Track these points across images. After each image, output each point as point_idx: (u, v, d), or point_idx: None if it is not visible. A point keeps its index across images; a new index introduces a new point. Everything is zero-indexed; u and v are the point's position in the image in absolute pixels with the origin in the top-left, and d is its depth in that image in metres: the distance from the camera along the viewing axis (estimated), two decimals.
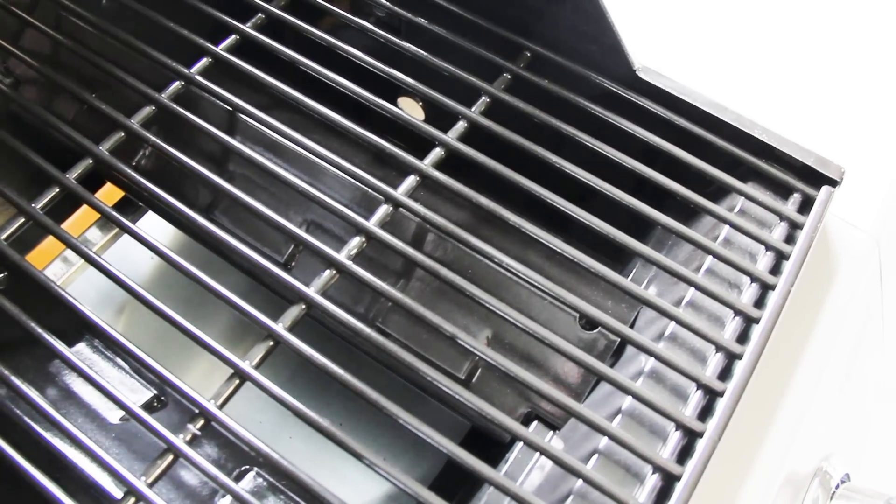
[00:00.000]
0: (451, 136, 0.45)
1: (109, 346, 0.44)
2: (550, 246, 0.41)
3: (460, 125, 0.46)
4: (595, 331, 0.44)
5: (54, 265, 0.61)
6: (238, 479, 0.41)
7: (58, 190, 0.43)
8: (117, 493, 0.35)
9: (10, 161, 0.48)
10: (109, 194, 0.67)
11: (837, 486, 0.45)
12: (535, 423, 0.43)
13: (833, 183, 0.44)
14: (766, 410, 0.42)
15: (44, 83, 0.53)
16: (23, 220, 0.42)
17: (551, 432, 0.43)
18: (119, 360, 0.43)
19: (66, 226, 0.68)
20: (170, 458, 0.35)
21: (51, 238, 0.61)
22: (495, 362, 0.37)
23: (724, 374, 0.38)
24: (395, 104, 0.47)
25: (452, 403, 0.43)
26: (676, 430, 0.37)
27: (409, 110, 0.58)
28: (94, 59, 0.48)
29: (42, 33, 0.50)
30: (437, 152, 0.44)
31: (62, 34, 0.49)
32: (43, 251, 0.62)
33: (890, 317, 0.49)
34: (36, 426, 0.39)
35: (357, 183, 0.45)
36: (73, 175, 0.43)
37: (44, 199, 0.42)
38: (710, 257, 0.42)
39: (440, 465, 0.54)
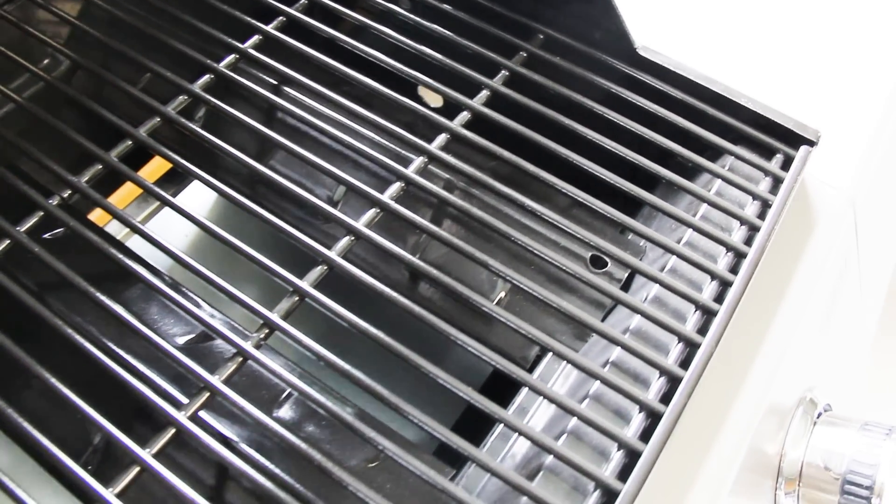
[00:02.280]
0: (477, 102, 0.51)
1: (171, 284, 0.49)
2: (565, 192, 0.47)
3: (483, 94, 0.52)
4: (603, 271, 0.50)
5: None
6: (288, 397, 0.46)
7: (130, 143, 0.48)
8: (185, 400, 0.40)
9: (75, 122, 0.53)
10: (156, 171, 0.72)
11: (820, 415, 0.51)
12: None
13: (811, 143, 0.50)
14: (753, 339, 0.47)
15: (102, 60, 0.59)
16: (100, 167, 0.47)
17: None
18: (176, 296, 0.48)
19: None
20: (239, 360, 0.40)
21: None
22: (523, 284, 0.43)
23: (720, 298, 0.44)
24: (415, 93, 0.53)
25: (482, 332, 0.48)
26: (679, 342, 0.42)
27: (428, 99, 0.64)
28: (155, 33, 0.54)
29: (101, 10, 0.56)
30: (463, 115, 0.50)
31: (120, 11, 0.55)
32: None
33: (866, 268, 0.55)
34: (106, 339, 0.44)
35: (391, 144, 0.51)
36: (143, 129, 0.49)
37: (118, 150, 0.48)
38: (705, 205, 0.48)
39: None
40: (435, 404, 0.47)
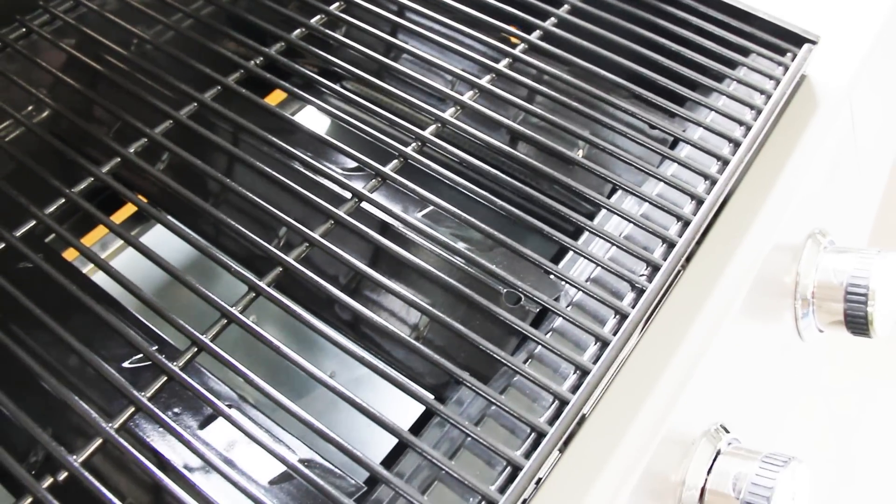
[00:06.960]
0: (563, 11, 0.68)
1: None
2: (630, 88, 0.63)
3: (567, 6, 0.69)
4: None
5: None
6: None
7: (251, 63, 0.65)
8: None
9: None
10: None
11: (825, 248, 0.65)
12: (619, 192, 0.63)
13: (813, 42, 0.66)
14: (767, 180, 0.61)
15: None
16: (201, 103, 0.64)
17: None
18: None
19: None
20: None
21: None
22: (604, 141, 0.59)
23: (745, 135, 0.59)
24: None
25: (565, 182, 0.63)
26: (706, 181, 0.58)
27: None
28: None
29: None
30: (552, 20, 0.67)
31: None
32: None
33: (863, 148, 0.71)
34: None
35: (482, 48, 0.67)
36: (251, 65, 0.65)
37: (235, 75, 0.65)
38: (734, 83, 0.65)
39: None
40: None
